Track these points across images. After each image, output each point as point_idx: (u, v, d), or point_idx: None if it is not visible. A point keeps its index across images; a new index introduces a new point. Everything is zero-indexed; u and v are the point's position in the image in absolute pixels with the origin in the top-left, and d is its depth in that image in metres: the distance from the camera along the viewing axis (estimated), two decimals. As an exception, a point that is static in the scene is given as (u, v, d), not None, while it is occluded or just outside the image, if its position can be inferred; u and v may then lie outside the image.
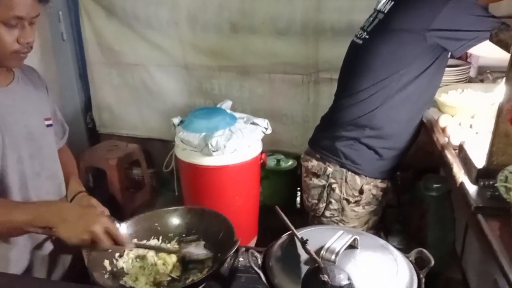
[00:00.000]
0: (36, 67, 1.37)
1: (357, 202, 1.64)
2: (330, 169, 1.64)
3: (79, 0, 2.86)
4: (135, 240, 1.16)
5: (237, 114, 2.28)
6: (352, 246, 0.96)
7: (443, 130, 1.51)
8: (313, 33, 2.45)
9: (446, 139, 1.47)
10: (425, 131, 1.65)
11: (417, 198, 2.05)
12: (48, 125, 1.27)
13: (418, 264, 0.94)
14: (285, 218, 1.07)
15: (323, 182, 1.66)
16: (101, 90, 3.09)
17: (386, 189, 1.67)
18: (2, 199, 1.11)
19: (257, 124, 2.19)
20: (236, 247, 1.05)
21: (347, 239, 0.95)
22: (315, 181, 1.69)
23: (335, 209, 1.68)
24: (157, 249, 1.15)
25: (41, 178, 1.23)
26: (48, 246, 1.25)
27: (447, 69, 1.62)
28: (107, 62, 2.99)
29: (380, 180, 1.64)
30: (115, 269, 1.10)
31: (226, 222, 1.17)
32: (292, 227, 1.02)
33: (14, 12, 1.02)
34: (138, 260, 1.14)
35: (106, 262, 1.09)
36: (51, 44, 2.93)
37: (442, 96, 1.68)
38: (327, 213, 1.69)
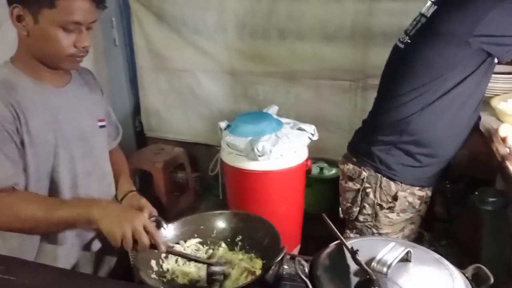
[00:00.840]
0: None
1: (391, 209, 1.60)
2: (365, 173, 1.61)
3: (131, 7, 2.96)
4: (177, 246, 1.17)
5: (283, 120, 2.27)
6: (404, 259, 0.92)
7: (504, 140, 1.44)
8: (362, 38, 2.41)
9: (507, 149, 1.40)
10: (481, 141, 1.57)
11: (471, 211, 1.94)
12: (101, 126, 1.31)
13: (475, 281, 0.88)
14: (333, 226, 1.04)
15: (358, 186, 1.64)
16: (149, 94, 3.18)
17: (424, 197, 1.61)
18: (47, 196, 1.15)
19: (303, 130, 2.17)
20: (283, 254, 1.03)
21: (400, 251, 0.91)
22: (350, 184, 1.68)
23: (368, 214, 1.65)
24: (186, 257, 1.13)
25: (92, 177, 1.27)
26: (95, 245, 1.29)
27: (505, 76, 1.54)
28: (156, 67, 3.07)
29: (418, 188, 1.58)
30: (161, 269, 1.11)
31: (271, 229, 1.15)
32: (341, 237, 0.99)
33: (73, 17, 1.06)
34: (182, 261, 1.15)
35: (153, 262, 1.10)
36: (104, 48, 3.06)
37: (501, 105, 1.59)
38: (361, 218, 1.67)
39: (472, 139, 1.66)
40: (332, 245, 1.01)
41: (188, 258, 1.13)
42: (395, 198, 1.58)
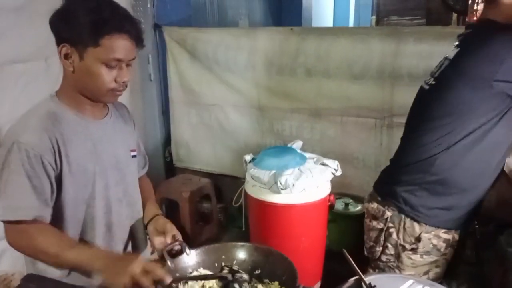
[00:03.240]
0: (126, 103, 1.52)
1: (414, 250, 1.58)
2: (388, 213, 1.61)
3: (167, 45, 3.12)
4: (199, 270, 1.20)
5: (307, 154, 2.30)
6: (422, 297, 0.93)
7: (529, 182, 1.42)
8: (389, 78, 2.44)
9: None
10: (509, 183, 1.55)
11: (499, 255, 1.89)
12: (133, 156, 1.40)
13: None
14: (352, 262, 1.06)
15: (381, 225, 1.64)
16: (180, 127, 3.29)
17: (451, 241, 1.57)
18: (63, 234, 1.22)
19: (327, 165, 2.19)
20: None
21: (418, 289, 0.92)
22: (374, 223, 1.68)
23: (391, 254, 1.63)
24: (196, 278, 1.17)
25: (123, 204, 1.34)
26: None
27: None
28: (187, 101, 3.20)
29: (444, 231, 1.55)
30: None
31: (291, 266, 1.17)
32: (359, 272, 1.01)
33: (115, 55, 1.15)
34: None
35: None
36: (140, 83, 3.21)
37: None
38: (383, 258, 1.65)
39: (502, 181, 1.63)
40: (351, 280, 1.03)
41: (196, 278, 1.16)
42: (418, 239, 1.55)
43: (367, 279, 0.97)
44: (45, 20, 1.17)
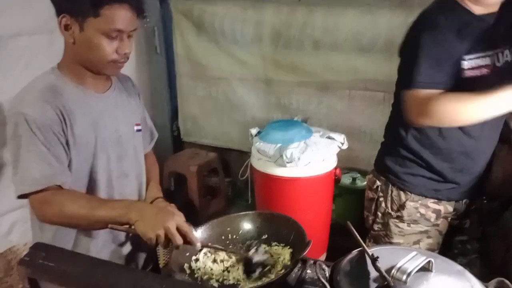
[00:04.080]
0: (132, 77, 1.49)
1: (399, 218, 1.60)
2: (378, 183, 1.65)
3: (173, 17, 3.08)
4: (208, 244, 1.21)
5: (313, 128, 2.29)
6: (425, 269, 0.93)
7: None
8: (396, 50, 2.39)
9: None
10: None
11: (503, 230, 1.89)
12: (137, 130, 1.38)
13: (498, 295, 0.88)
14: (356, 234, 1.06)
15: (374, 195, 1.68)
16: (187, 101, 3.28)
17: (443, 212, 1.57)
18: (90, 195, 1.23)
19: (333, 139, 2.19)
20: (309, 247, 1.06)
21: (421, 260, 0.92)
22: (369, 193, 1.73)
23: (381, 223, 1.67)
24: (223, 250, 1.19)
25: (126, 179, 1.34)
26: (126, 242, 1.35)
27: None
28: (194, 75, 3.17)
29: (432, 201, 1.56)
30: (193, 273, 1.16)
31: (295, 225, 1.20)
32: (363, 243, 1.01)
33: (116, 25, 1.13)
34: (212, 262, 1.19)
35: (186, 266, 1.16)
36: (146, 56, 3.19)
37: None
38: (375, 227, 1.69)
39: (508, 156, 1.62)
40: (354, 251, 1.03)
41: (225, 251, 1.18)
42: (402, 207, 1.58)
43: (371, 250, 0.98)
44: (49, -8, 1.16)
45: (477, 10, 1.41)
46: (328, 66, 2.64)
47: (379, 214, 1.66)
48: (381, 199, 1.65)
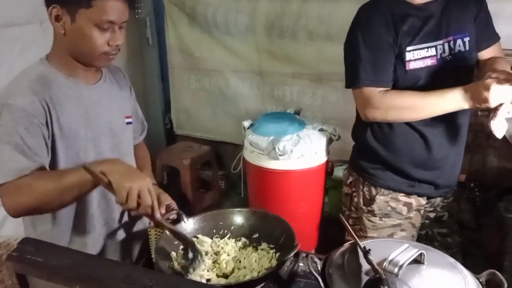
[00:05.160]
0: (124, 69, 1.47)
1: (371, 212, 1.59)
2: (351, 178, 1.66)
3: (165, 8, 3.05)
4: (198, 236, 1.21)
5: (306, 120, 2.28)
6: (417, 261, 0.93)
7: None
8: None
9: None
10: (509, 149, 1.53)
11: (497, 220, 1.90)
12: (128, 123, 1.36)
13: (490, 287, 0.88)
14: (348, 226, 1.06)
15: (348, 190, 1.68)
16: (180, 93, 3.26)
17: (414, 205, 1.56)
18: (61, 170, 1.17)
19: (325, 131, 2.18)
20: (295, 251, 1.05)
21: (413, 253, 0.92)
22: (345, 189, 1.72)
23: (355, 218, 1.66)
24: (171, 231, 1.13)
25: None
26: (120, 235, 1.35)
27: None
28: (187, 67, 3.15)
29: (402, 194, 1.55)
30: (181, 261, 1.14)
31: (288, 228, 1.18)
32: (355, 236, 1.00)
33: (107, 16, 1.11)
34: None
35: (173, 254, 1.15)
36: (138, 48, 3.16)
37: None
38: (351, 221, 1.68)
39: (502, 147, 1.61)
40: (346, 244, 1.03)
41: (174, 232, 1.13)
42: (372, 201, 1.58)
43: (363, 243, 0.97)
44: (39, -18, 1.13)
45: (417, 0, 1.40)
46: (322, 57, 2.62)
47: (353, 209, 1.67)
48: (354, 194, 1.65)
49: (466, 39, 1.43)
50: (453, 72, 1.42)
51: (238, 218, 1.28)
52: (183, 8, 2.97)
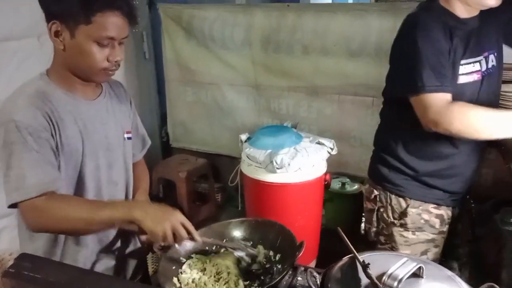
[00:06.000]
0: (120, 82, 1.48)
1: (403, 226, 1.55)
2: (376, 192, 1.61)
3: (162, 22, 3.07)
4: (192, 256, 1.21)
5: (303, 133, 2.29)
6: (416, 275, 0.93)
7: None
8: (386, 55, 2.39)
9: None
10: (504, 161, 1.54)
11: (494, 232, 1.90)
12: (127, 138, 1.36)
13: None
14: (347, 240, 1.05)
15: (373, 205, 1.63)
16: (176, 106, 3.27)
17: (446, 217, 1.55)
18: (88, 199, 1.21)
19: (322, 144, 2.19)
20: (303, 248, 1.07)
21: (411, 266, 0.92)
22: (368, 205, 1.68)
23: (385, 234, 1.62)
24: (223, 246, 1.22)
25: (116, 187, 1.31)
26: (114, 251, 1.33)
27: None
28: (183, 80, 3.16)
29: (432, 206, 1.53)
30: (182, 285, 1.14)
31: (282, 229, 1.20)
32: (354, 250, 1.00)
33: (107, 33, 1.12)
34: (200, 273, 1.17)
35: (175, 279, 1.14)
36: (135, 61, 3.17)
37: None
38: (381, 239, 1.65)
39: (498, 159, 1.62)
40: (345, 258, 1.02)
41: (225, 247, 1.22)
42: (404, 214, 1.54)
43: (361, 257, 0.97)
44: (37, -4, 1.14)
45: (462, 13, 1.38)
46: (317, 70, 2.65)
47: (382, 225, 1.61)
48: (382, 209, 1.60)
49: (496, 55, 1.45)
50: (490, 87, 1.43)
51: (230, 230, 1.29)
52: (180, 22, 3.00)
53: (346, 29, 2.49)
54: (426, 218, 1.54)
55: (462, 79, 1.38)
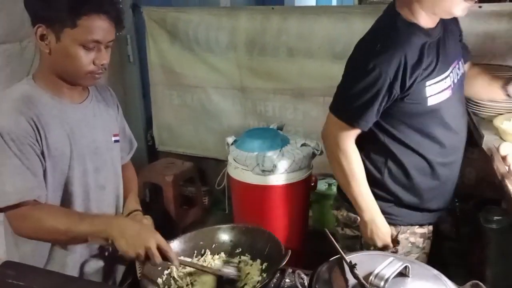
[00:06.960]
0: (104, 86, 1.47)
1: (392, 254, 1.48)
2: (359, 219, 1.47)
3: (146, 25, 3.05)
4: (181, 258, 1.19)
5: (289, 136, 2.31)
6: (402, 274, 0.94)
7: (504, 158, 1.43)
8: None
9: (507, 168, 1.39)
10: (487, 160, 1.58)
11: (477, 230, 1.94)
12: (115, 141, 1.36)
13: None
14: (333, 241, 1.06)
15: (356, 232, 1.52)
16: (161, 110, 3.25)
17: (427, 233, 1.50)
18: (68, 209, 1.20)
19: (308, 146, 2.20)
20: (286, 259, 1.06)
21: (398, 266, 0.93)
22: (347, 231, 1.56)
23: None
24: (200, 268, 1.17)
25: (104, 191, 1.31)
26: (103, 257, 1.32)
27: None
28: (168, 83, 3.14)
29: (417, 226, 1.47)
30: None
31: (271, 237, 1.19)
32: (341, 251, 1.01)
33: (93, 36, 1.11)
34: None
35: (159, 281, 1.15)
36: (119, 65, 3.14)
37: (504, 124, 1.60)
38: None
39: (480, 159, 1.65)
40: (333, 259, 1.03)
41: (199, 269, 1.17)
42: (396, 242, 1.46)
43: (348, 257, 0.98)
44: (18, 0, 1.12)
45: (427, 23, 1.31)
46: (303, 73, 2.66)
47: None
48: None
49: (461, 62, 1.44)
50: (460, 96, 1.40)
51: (219, 235, 1.28)
52: (164, 26, 2.98)
53: (330, 32, 2.51)
54: (413, 240, 1.48)
55: (432, 101, 1.32)
